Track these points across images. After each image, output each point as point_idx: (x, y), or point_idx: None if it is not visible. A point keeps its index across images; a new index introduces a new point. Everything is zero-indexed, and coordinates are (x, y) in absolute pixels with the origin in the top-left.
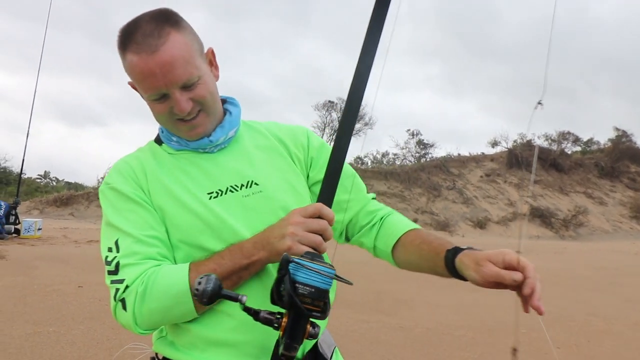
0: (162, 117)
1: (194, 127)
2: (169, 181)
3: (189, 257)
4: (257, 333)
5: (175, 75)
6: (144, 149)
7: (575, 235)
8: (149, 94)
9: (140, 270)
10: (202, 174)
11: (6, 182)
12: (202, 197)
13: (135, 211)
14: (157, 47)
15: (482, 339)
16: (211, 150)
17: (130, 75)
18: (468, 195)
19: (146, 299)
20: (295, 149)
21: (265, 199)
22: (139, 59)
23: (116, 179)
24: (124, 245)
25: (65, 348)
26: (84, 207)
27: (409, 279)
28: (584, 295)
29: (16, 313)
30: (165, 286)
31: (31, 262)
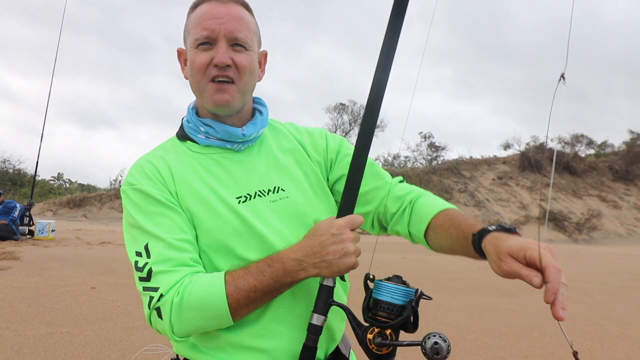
0: (199, 72)
1: (221, 90)
2: (196, 183)
3: (215, 262)
4: (285, 340)
5: (233, 27)
6: (167, 147)
7: (588, 239)
8: (199, 35)
9: (175, 279)
10: (230, 176)
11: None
12: (231, 201)
13: (164, 214)
14: (229, 3)
15: (494, 343)
16: (238, 148)
17: (190, 22)
18: (480, 198)
19: (183, 310)
20: (314, 153)
21: (291, 205)
22: (209, 5)
23: (141, 180)
24: (155, 250)
25: (78, 349)
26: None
27: (420, 282)
28: (597, 299)
29: (30, 314)
30: (202, 298)
31: (45, 263)
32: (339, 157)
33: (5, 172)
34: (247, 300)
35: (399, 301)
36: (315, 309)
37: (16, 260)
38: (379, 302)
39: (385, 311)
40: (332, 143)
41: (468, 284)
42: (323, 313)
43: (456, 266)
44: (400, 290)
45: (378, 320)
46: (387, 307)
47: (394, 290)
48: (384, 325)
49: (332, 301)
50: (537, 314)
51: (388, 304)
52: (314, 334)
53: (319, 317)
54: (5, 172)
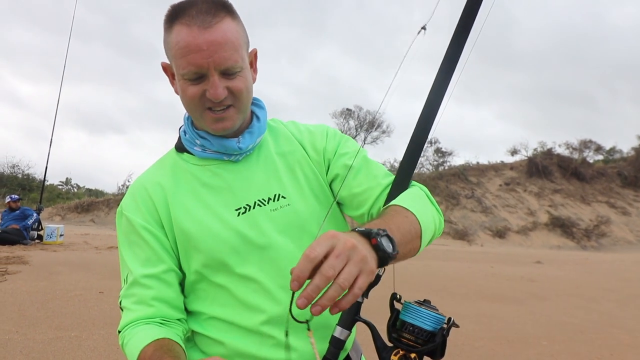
0: (191, 102)
1: (221, 119)
2: (191, 203)
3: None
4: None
5: (221, 57)
6: (164, 163)
7: (597, 245)
8: (187, 71)
9: (129, 319)
10: (228, 188)
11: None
12: (228, 216)
13: (140, 245)
14: (211, 24)
15: (501, 351)
16: (236, 159)
17: (172, 48)
18: (487, 204)
19: (125, 352)
20: (314, 153)
21: (292, 213)
22: (189, 31)
23: (130, 205)
24: (127, 284)
25: (86, 353)
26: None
27: (426, 288)
28: (606, 307)
29: (39, 318)
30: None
31: (54, 268)
32: (335, 156)
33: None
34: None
35: (428, 327)
36: (340, 322)
37: (25, 265)
38: (406, 324)
39: (413, 335)
40: (331, 143)
41: (475, 290)
42: (348, 328)
43: (463, 272)
44: (432, 317)
45: (404, 343)
46: (416, 331)
47: (425, 316)
48: (411, 349)
49: (359, 317)
50: (545, 321)
51: (417, 328)
52: (336, 348)
53: (343, 331)
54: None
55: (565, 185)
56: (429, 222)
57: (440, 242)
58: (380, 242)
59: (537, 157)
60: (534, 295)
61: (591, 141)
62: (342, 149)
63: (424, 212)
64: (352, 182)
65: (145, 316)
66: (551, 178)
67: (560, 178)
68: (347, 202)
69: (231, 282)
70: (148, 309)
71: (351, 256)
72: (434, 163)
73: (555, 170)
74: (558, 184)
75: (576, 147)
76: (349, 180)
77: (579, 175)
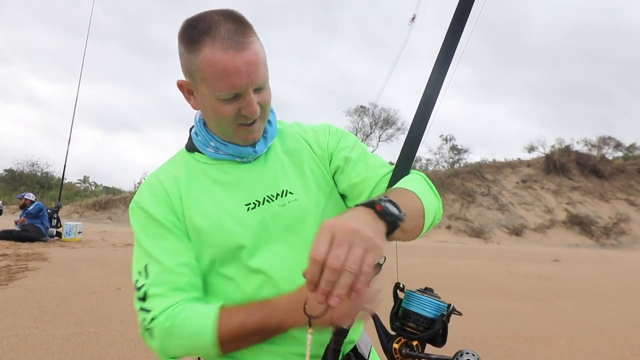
0: (225, 119)
1: (251, 131)
2: (203, 198)
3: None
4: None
5: (257, 76)
6: (177, 160)
7: (616, 243)
8: (224, 92)
9: (168, 304)
10: (238, 185)
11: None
12: (238, 210)
13: (164, 237)
14: (245, 45)
15: (519, 350)
16: (247, 160)
17: (204, 70)
18: (503, 202)
19: (172, 336)
20: (319, 150)
21: (300, 208)
22: (225, 54)
23: (147, 198)
24: (153, 272)
25: (105, 349)
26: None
27: (443, 286)
28: (626, 306)
29: (59, 314)
30: (191, 328)
31: (72, 265)
32: (337, 150)
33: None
34: (235, 337)
35: (429, 314)
36: None
37: (45, 262)
38: (408, 312)
39: (415, 322)
40: (333, 139)
41: (493, 288)
42: None
43: (480, 270)
44: (432, 304)
45: (406, 331)
46: (417, 318)
47: (426, 303)
48: (412, 336)
49: None
50: (563, 320)
51: (418, 316)
52: (339, 335)
53: None
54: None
55: (583, 183)
56: (430, 203)
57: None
58: (385, 207)
59: (554, 154)
60: (552, 294)
61: (610, 138)
62: (342, 143)
63: (424, 194)
64: (351, 173)
65: (185, 300)
66: (569, 175)
67: (579, 175)
68: (348, 193)
69: (240, 276)
70: (186, 294)
71: (353, 239)
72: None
73: (573, 168)
74: (576, 181)
75: (595, 144)
76: (349, 171)
77: (598, 172)
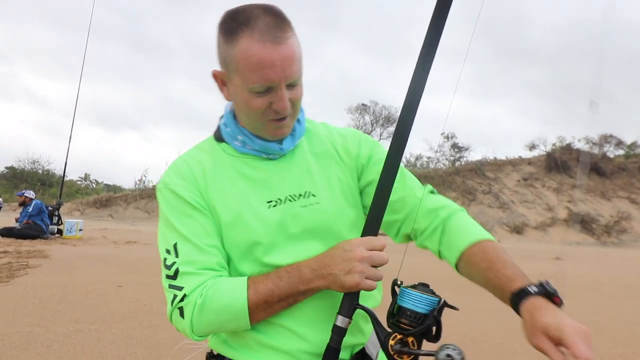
0: (255, 112)
1: (281, 127)
2: (227, 189)
3: (239, 268)
4: (308, 342)
5: (292, 71)
6: (204, 147)
7: (617, 242)
8: (257, 85)
9: (200, 281)
10: (263, 181)
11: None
12: (260, 207)
13: (194, 217)
14: (282, 40)
15: (520, 348)
16: (274, 157)
17: (239, 61)
18: (504, 200)
19: (204, 312)
20: (346, 157)
21: (321, 212)
22: (262, 47)
23: (176, 180)
24: (184, 251)
25: (105, 346)
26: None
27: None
28: (628, 304)
29: (59, 311)
30: (223, 301)
31: (73, 262)
32: (371, 163)
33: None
34: (265, 305)
35: (422, 309)
36: (341, 310)
37: (46, 259)
38: (402, 309)
39: (408, 319)
40: (365, 149)
41: None
42: (348, 315)
43: None
44: (423, 299)
45: (400, 328)
46: (410, 314)
47: (417, 298)
48: (405, 332)
49: (357, 304)
50: None
51: (411, 312)
52: (338, 336)
53: (344, 319)
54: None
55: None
56: None
57: None
58: (560, 298)
59: (555, 152)
60: None
61: (612, 136)
62: (377, 155)
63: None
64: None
65: (215, 277)
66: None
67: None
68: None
69: (254, 272)
70: (216, 272)
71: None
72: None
73: (574, 166)
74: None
75: (596, 142)
76: None
77: (599, 170)
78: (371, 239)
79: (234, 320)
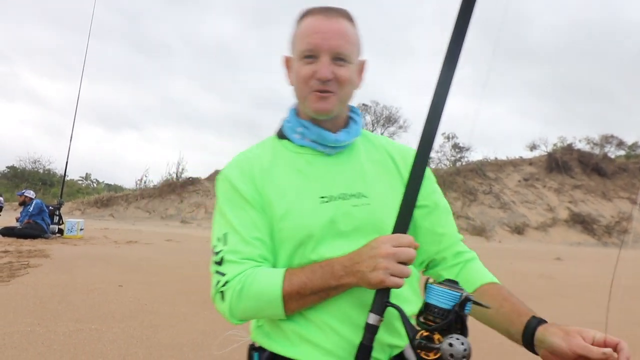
0: (302, 82)
1: (323, 99)
2: (284, 182)
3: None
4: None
5: (335, 44)
6: (266, 144)
7: (618, 242)
8: (305, 49)
9: (240, 270)
10: (318, 177)
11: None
12: (313, 201)
13: (245, 210)
14: (334, 17)
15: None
16: (330, 152)
17: (297, 35)
18: (505, 200)
19: (242, 298)
20: (404, 169)
21: (371, 212)
22: (314, 19)
23: (234, 173)
24: (232, 241)
25: (106, 346)
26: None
27: None
28: (629, 304)
29: (60, 310)
30: (259, 289)
31: (74, 262)
32: (429, 190)
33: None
34: (298, 296)
35: (445, 305)
36: (372, 308)
37: (46, 258)
38: (428, 305)
39: (433, 314)
40: None
41: None
42: (379, 313)
43: None
44: (445, 294)
45: (427, 324)
46: (435, 310)
47: (440, 294)
48: (429, 328)
49: (388, 302)
50: (565, 319)
51: (435, 308)
52: (370, 333)
53: (375, 317)
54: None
55: (585, 181)
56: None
57: None
58: None
59: (556, 153)
60: (554, 292)
61: (613, 136)
62: (433, 185)
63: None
64: (439, 221)
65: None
66: (571, 174)
67: (581, 174)
68: (423, 233)
69: (302, 264)
70: (256, 263)
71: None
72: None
73: (575, 166)
74: (578, 180)
75: (597, 142)
76: (436, 217)
77: (600, 170)
78: (398, 236)
79: (269, 307)
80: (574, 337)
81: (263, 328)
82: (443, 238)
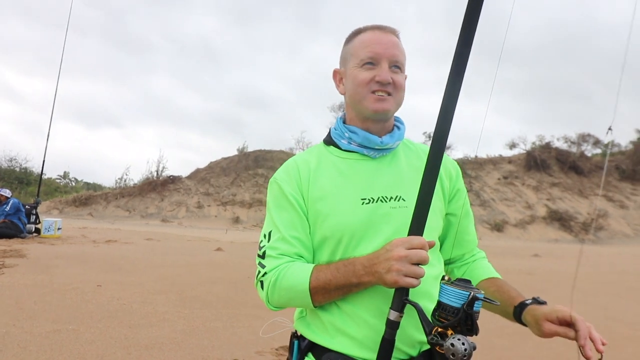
0: (360, 85)
1: (381, 100)
2: (327, 184)
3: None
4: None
5: (394, 53)
6: (313, 149)
7: (595, 239)
8: (366, 57)
9: (277, 264)
10: (361, 179)
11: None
12: (354, 202)
13: (288, 211)
14: (389, 32)
15: (499, 343)
16: (374, 155)
17: (354, 47)
18: (485, 198)
19: (276, 288)
20: (446, 180)
21: (408, 215)
22: (373, 33)
23: (283, 176)
24: (273, 238)
25: (84, 346)
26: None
27: None
28: (604, 300)
29: (37, 311)
30: (290, 283)
31: (51, 261)
32: (457, 196)
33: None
34: (323, 290)
35: (455, 303)
36: (392, 305)
37: (23, 258)
38: (440, 303)
39: (445, 312)
40: (460, 182)
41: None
42: (398, 309)
43: None
44: (454, 293)
45: (440, 321)
46: (446, 308)
47: (450, 293)
48: (441, 325)
49: (406, 299)
50: None
51: (446, 306)
52: (391, 329)
53: (395, 313)
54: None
55: (563, 179)
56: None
57: None
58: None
59: (535, 151)
60: (532, 289)
61: (589, 135)
62: (464, 193)
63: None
64: (465, 228)
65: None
66: (549, 172)
67: (559, 172)
68: (452, 237)
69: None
70: (291, 259)
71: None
72: None
73: (553, 164)
74: (556, 178)
75: (574, 141)
76: (464, 224)
77: (577, 168)
78: (411, 238)
79: (299, 298)
80: (543, 325)
81: (305, 319)
82: (467, 243)
